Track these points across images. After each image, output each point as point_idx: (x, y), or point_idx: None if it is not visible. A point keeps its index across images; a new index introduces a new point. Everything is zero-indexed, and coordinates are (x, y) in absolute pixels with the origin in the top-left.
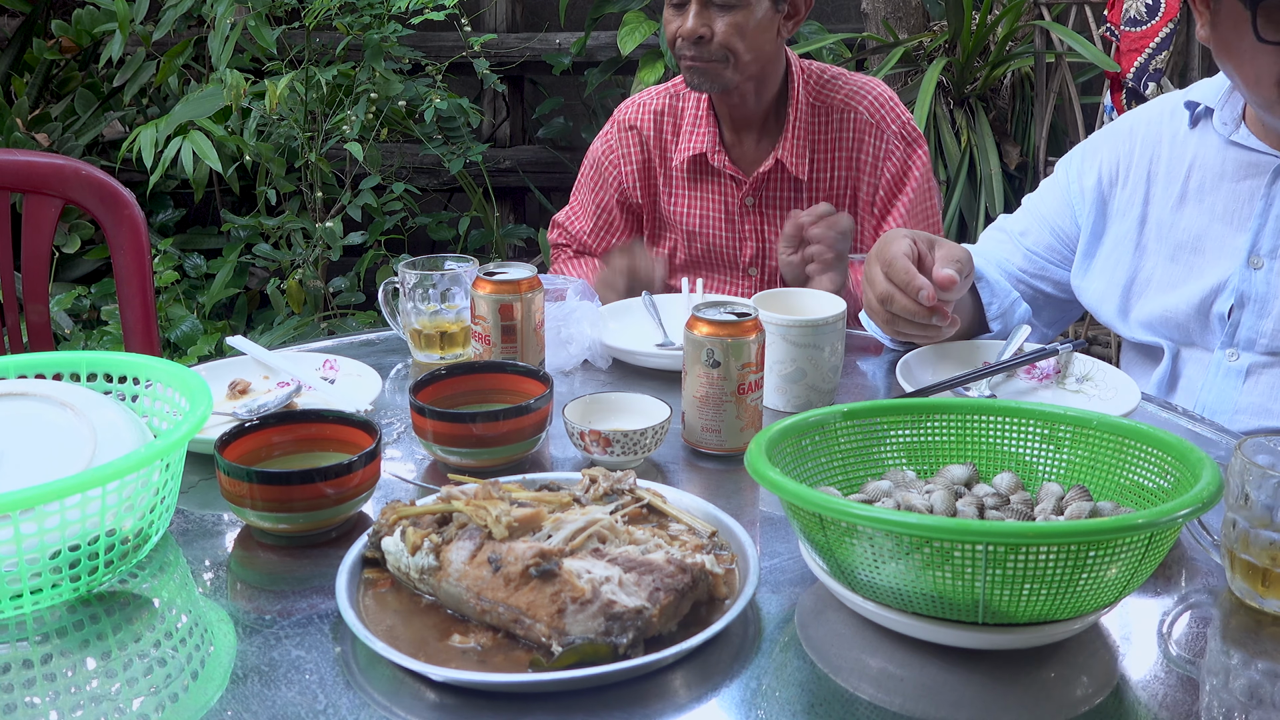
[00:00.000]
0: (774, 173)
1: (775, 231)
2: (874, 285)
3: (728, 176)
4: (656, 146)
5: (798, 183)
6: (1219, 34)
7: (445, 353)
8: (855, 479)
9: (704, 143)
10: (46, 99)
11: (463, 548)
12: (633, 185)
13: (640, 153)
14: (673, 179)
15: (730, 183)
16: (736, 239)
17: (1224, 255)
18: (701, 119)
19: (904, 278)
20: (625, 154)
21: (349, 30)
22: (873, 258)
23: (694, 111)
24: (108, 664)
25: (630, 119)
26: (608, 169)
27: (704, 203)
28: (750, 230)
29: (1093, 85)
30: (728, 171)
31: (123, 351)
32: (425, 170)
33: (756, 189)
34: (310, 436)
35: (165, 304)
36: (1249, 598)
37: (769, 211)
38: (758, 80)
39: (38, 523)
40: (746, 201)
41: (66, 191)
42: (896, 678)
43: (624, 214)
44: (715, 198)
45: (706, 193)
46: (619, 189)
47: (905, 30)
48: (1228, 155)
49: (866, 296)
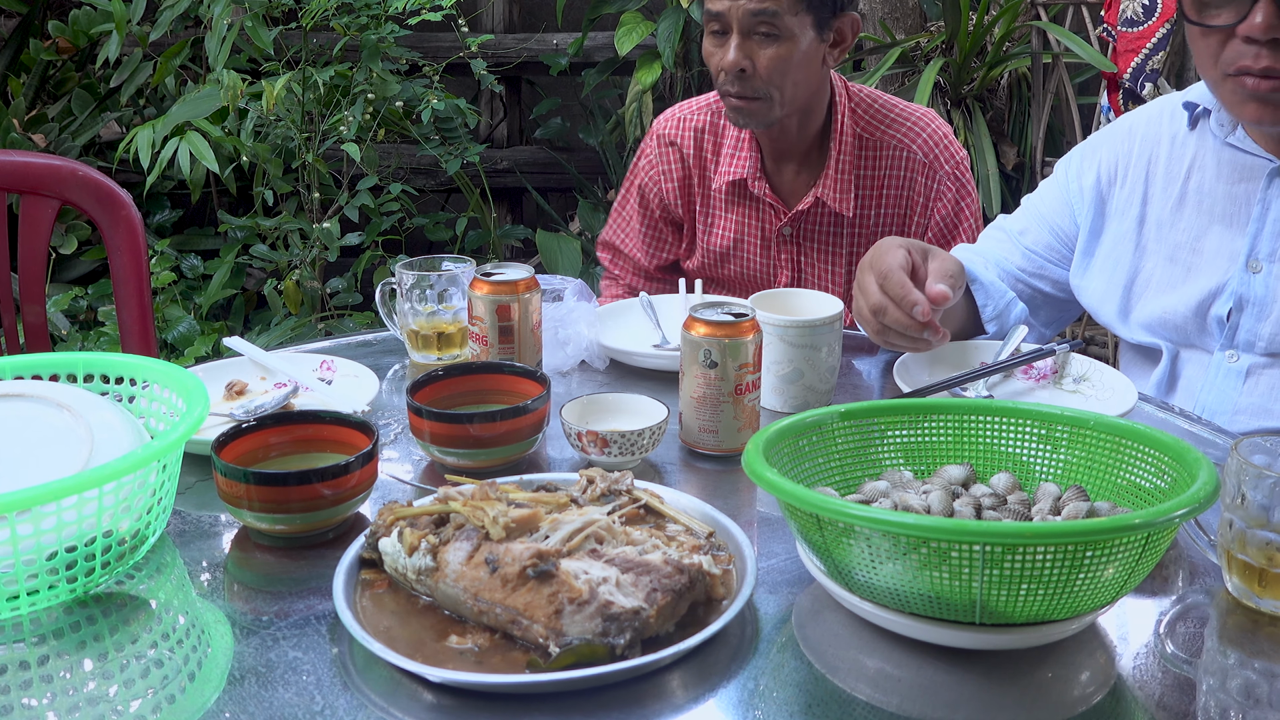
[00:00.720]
0: (814, 209)
1: (811, 263)
2: (867, 295)
3: (767, 205)
4: (696, 165)
5: (840, 218)
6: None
7: (442, 353)
8: (852, 479)
9: (744, 169)
10: (43, 99)
11: (460, 548)
12: (674, 201)
13: (680, 169)
14: (710, 199)
15: (769, 210)
16: (771, 266)
17: (1222, 258)
18: (743, 143)
19: (899, 292)
20: (666, 170)
21: (346, 31)
22: (866, 266)
23: (735, 134)
24: (105, 665)
25: (670, 134)
26: (649, 185)
27: (740, 227)
28: (786, 260)
29: (1090, 86)
30: (767, 200)
31: (119, 352)
32: (422, 171)
33: (796, 221)
34: (307, 437)
35: (162, 305)
36: (1245, 597)
37: (806, 244)
38: (802, 113)
39: (34, 524)
40: (784, 231)
41: (63, 192)
42: (894, 678)
43: (670, 228)
44: (753, 223)
45: (744, 217)
46: (661, 204)
47: (902, 30)
48: (1224, 157)
49: (858, 304)
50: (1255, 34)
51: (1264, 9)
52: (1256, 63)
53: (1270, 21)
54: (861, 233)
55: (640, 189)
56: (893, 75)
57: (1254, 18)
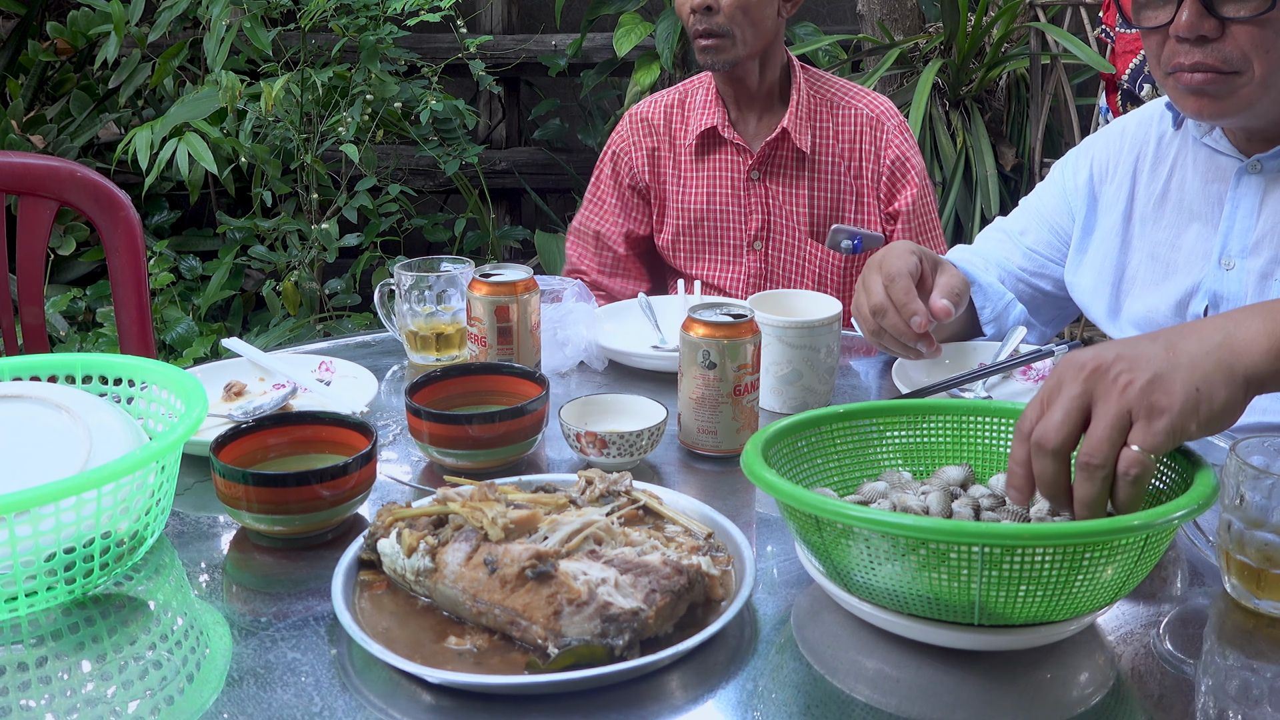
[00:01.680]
0: (780, 142)
1: (779, 204)
2: (870, 294)
3: (735, 147)
4: (665, 134)
5: (801, 155)
6: None
7: (441, 354)
8: (851, 480)
9: (714, 118)
10: (41, 101)
11: (459, 549)
12: (642, 168)
13: (650, 140)
14: (680, 163)
15: (737, 155)
16: (743, 213)
17: (1197, 256)
18: (709, 101)
19: (902, 298)
20: (636, 141)
21: (345, 32)
22: (874, 265)
23: (703, 97)
24: (103, 667)
25: (642, 111)
26: (620, 155)
27: (711, 180)
28: (756, 203)
29: (1088, 87)
30: (736, 143)
31: (118, 353)
32: (421, 172)
33: (763, 161)
34: (306, 438)
35: (161, 306)
36: (1244, 598)
37: (773, 185)
38: (761, 58)
39: (33, 525)
40: (753, 175)
41: (62, 193)
42: (893, 679)
43: (638, 198)
44: (724, 173)
45: (714, 169)
46: (630, 173)
47: (901, 32)
48: (1200, 156)
49: (858, 300)
50: (1181, 32)
51: (1188, 8)
52: (1188, 58)
53: (1192, 20)
54: (819, 174)
55: (613, 158)
56: (891, 76)
57: (1180, 17)
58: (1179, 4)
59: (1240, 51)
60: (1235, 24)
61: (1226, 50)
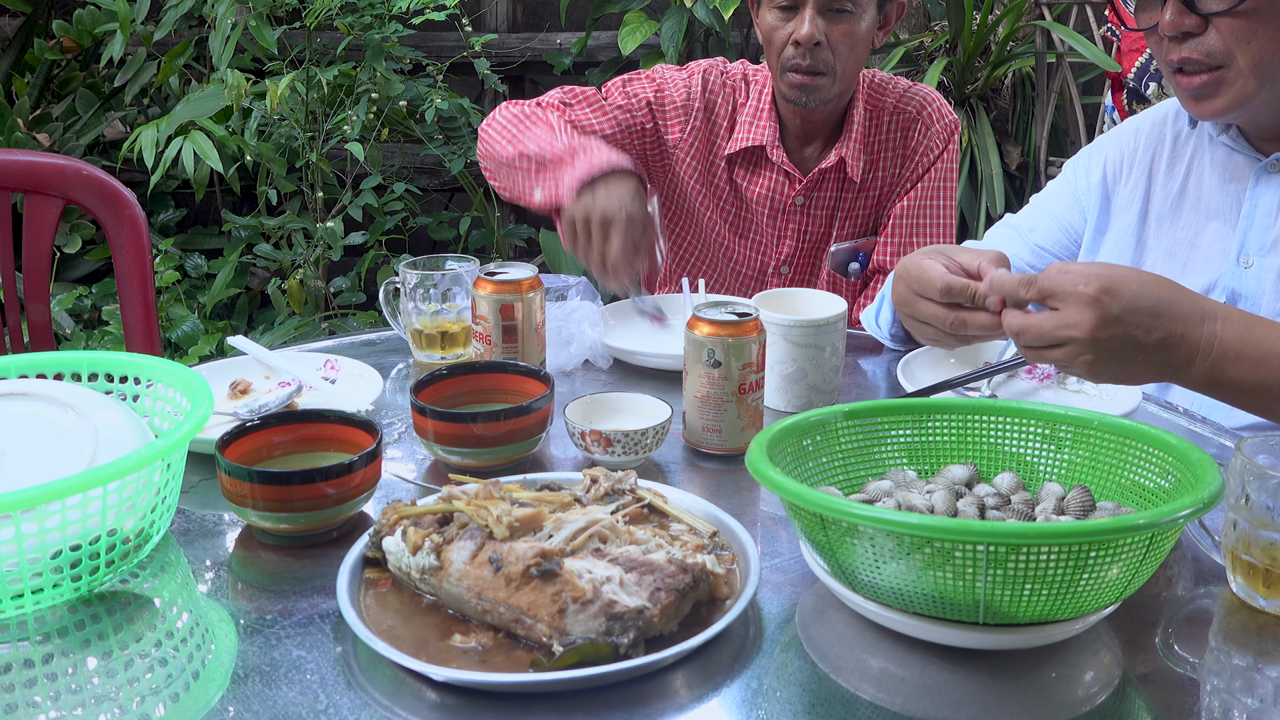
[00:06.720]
0: (832, 171)
1: (817, 228)
2: (938, 318)
3: (782, 172)
4: (725, 118)
5: (850, 184)
6: None
7: (446, 353)
8: (856, 479)
9: (764, 135)
10: (47, 99)
11: (464, 548)
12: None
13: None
14: (715, 173)
15: (782, 179)
16: (776, 236)
17: (1216, 254)
18: (763, 113)
19: (968, 292)
20: (726, 97)
21: (350, 30)
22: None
23: (755, 106)
24: (109, 664)
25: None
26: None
27: (746, 200)
28: (792, 230)
29: (1094, 85)
30: (784, 167)
31: (124, 351)
32: (426, 170)
33: (809, 189)
34: (311, 436)
35: (166, 304)
36: (1250, 598)
37: (816, 211)
38: (842, 94)
39: (39, 522)
40: (796, 201)
41: (67, 191)
42: (897, 678)
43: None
44: (762, 193)
45: (752, 186)
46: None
47: (906, 30)
48: (1217, 156)
49: (916, 326)
50: (1166, 31)
51: (1171, 7)
52: (1177, 55)
53: (1175, 19)
54: (867, 199)
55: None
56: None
57: (1163, 16)
58: (1163, 4)
59: (1223, 44)
60: (1216, 18)
61: (1210, 44)
